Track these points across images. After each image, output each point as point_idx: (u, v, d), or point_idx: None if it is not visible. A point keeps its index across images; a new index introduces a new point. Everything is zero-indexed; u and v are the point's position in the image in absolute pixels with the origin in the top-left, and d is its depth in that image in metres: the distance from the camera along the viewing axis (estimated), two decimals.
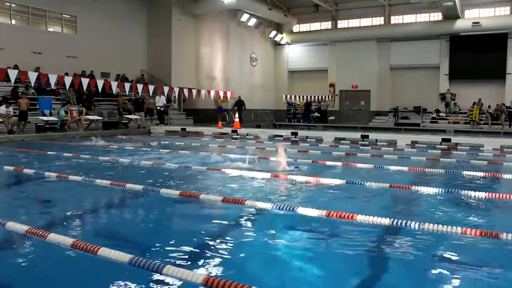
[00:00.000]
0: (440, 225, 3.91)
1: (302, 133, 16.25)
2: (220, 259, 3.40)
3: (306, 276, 3.17)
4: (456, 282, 3.04)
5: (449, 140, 13.29)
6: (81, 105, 17.52)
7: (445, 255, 3.52)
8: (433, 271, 3.21)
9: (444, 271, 3.17)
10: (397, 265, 3.34)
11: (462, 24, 22.53)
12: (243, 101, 23.08)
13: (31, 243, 3.74)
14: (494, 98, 21.97)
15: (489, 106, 21.62)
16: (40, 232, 3.65)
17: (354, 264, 3.36)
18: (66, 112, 16.21)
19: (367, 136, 14.65)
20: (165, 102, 19.84)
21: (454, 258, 3.44)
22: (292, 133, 16.10)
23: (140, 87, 17.65)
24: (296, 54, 28.56)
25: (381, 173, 7.49)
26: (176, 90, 19.78)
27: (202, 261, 3.36)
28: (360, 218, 4.18)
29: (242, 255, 3.59)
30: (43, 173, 7.04)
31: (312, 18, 27.65)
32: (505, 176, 7.19)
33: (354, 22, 26.53)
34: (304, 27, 28.22)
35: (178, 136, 16.53)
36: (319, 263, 3.41)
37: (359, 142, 13.70)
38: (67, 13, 20.40)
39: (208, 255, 3.48)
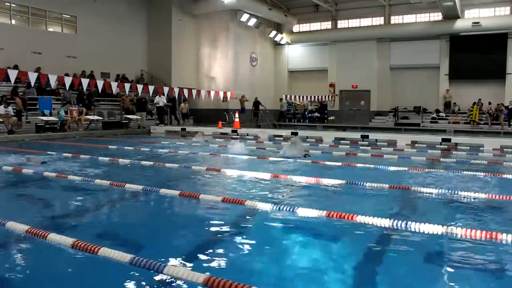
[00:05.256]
0: (440, 226, 3.91)
1: (302, 133, 16.25)
2: (220, 259, 3.40)
3: (306, 276, 3.17)
4: (455, 283, 3.04)
5: (449, 140, 13.29)
6: (81, 105, 17.52)
7: (444, 255, 3.52)
8: (433, 272, 3.21)
9: (444, 272, 3.18)
10: (396, 266, 3.34)
11: (462, 24, 22.52)
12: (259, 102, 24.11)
13: (31, 243, 3.74)
14: (494, 98, 21.96)
15: (489, 103, 21.60)
16: (40, 232, 3.65)
17: (354, 264, 3.36)
18: (66, 112, 16.21)
19: (367, 136, 14.65)
20: (165, 102, 19.89)
21: (453, 258, 3.44)
22: (292, 133, 16.10)
23: (140, 87, 17.67)
24: (296, 54, 28.55)
25: (381, 173, 7.49)
26: (176, 90, 19.81)
27: (202, 261, 3.36)
28: (360, 218, 4.18)
29: (242, 255, 3.59)
30: (42, 172, 7.05)
31: (312, 18, 27.64)
32: (506, 176, 7.20)
33: (354, 22, 26.52)
34: (304, 27, 28.21)
35: (178, 136, 16.55)
36: (319, 263, 3.41)
37: (359, 142, 13.70)
38: (67, 13, 20.39)
39: (208, 255, 3.48)
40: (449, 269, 3.23)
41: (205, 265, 3.26)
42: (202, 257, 3.45)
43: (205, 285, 2.61)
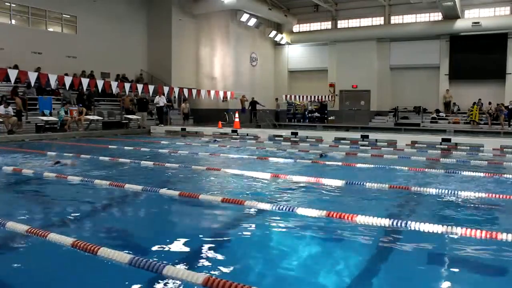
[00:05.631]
0: (440, 226, 3.91)
1: (302, 133, 16.25)
2: (220, 259, 3.40)
3: (306, 277, 3.17)
4: (455, 282, 3.04)
5: (449, 140, 13.29)
6: (81, 105, 17.52)
7: (444, 255, 3.52)
8: (433, 272, 3.21)
9: (444, 272, 3.17)
10: (397, 266, 3.34)
11: (462, 24, 22.51)
12: (256, 101, 23.91)
13: (31, 243, 3.74)
14: (494, 98, 21.95)
15: (489, 103, 21.58)
16: (40, 232, 3.65)
17: (353, 264, 3.36)
18: (66, 112, 16.21)
19: (367, 136, 14.64)
20: (165, 102, 19.89)
21: (453, 258, 3.44)
22: (292, 133, 16.10)
23: (140, 87, 17.67)
24: (296, 54, 28.55)
25: (381, 173, 7.49)
26: (176, 90, 19.81)
27: (202, 261, 3.36)
28: (359, 219, 4.17)
29: (242, 255, 3.59)
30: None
31: (312, 18, 27.64)
32: (506, 176, 7.20)
33: (354, 22, 26.52)
34: (304, 27, 28.21)
35: (178, 136, 16.55)
36: (319, 263, 3.41)
37: (359, 142, 13.70)
38: (67, 13, 20.39)
39: (208, 255, 3.48)
40: (449, 269, 3.22)
41: (204, 265, 3.26)
42: (201, 257, 3.45)
43: (205, 286, 2.60)
